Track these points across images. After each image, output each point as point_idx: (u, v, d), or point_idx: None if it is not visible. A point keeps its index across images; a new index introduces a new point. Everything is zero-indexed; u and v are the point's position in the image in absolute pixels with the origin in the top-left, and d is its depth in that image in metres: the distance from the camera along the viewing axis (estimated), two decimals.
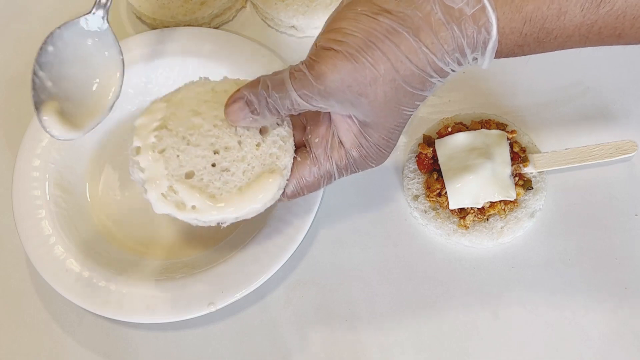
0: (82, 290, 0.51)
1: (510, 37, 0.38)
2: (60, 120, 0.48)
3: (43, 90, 0.48)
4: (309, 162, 0.44)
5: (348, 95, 0.39)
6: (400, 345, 0.51)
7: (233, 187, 0.42)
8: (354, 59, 0.37)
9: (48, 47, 0.48)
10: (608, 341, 0.49)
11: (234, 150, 0.43)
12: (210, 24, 0.65)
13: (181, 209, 0.42)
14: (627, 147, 0.54)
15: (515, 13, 0.37)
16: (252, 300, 0.52)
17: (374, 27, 0.37)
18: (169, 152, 0.42)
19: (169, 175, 0.42)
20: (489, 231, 0.53)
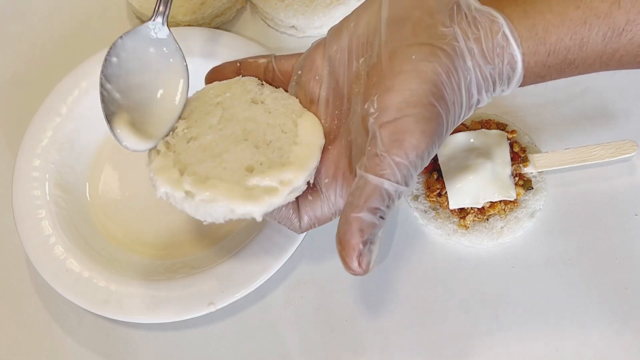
0: (82, 290, 0.51)
1: (534, 69, 0.38)
2: (132, 132, 0.46)
3: (112, 102, 0.47)
4: (320, 202, 0.42)
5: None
6: (400, 345, 0.51)
7: (287, 144, 0.42)
8: (435, 117, 0.37)
9: (112, 59, 0.47)
10: (608, 341, 0.49)
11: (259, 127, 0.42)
12: (210, 24, 0.65)
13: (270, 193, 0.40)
14: (627, 147, 0.54)
15: (539, 46, 0.37)
16: (252, 300, 0.52)
17: (436, 71, 0.36)
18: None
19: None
20: (489, 231, 0.53)
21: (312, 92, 0.43)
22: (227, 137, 0.42)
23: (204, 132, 0.43)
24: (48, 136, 0.57)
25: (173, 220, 0.56)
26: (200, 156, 0.41)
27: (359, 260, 0.37)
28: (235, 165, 0.41)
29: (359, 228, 0.36)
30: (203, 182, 0.40)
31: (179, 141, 0.43)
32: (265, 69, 0.46)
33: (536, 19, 0.37)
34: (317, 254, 0.54)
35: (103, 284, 0.51)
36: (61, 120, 0.58)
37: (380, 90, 0.37)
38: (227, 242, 0.54)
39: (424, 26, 0.38)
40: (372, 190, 0.36)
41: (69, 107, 0.58)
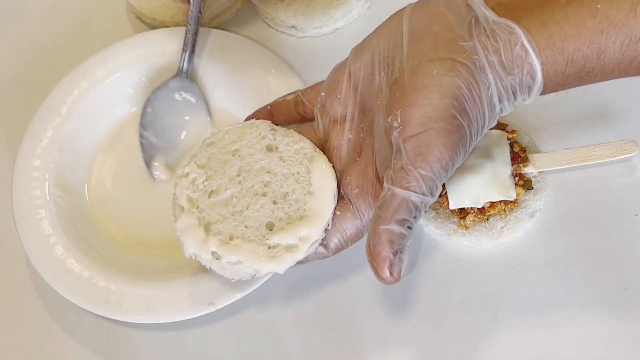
0: (82, 290, 0.51)
1: (553, 78, 0.39)
2: (166, 172, 0.57)
3: (150, 147, 0.57)
4: (350, 215, 0.43)
5: None
6: (400, 346, 0.51)
7: (301, 200, 0.44)
8: (457, 129, 0.38)
9: (147, 110, 0.57)
10: (608, 341, 0.49)
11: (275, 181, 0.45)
12: (210, 24, 0.65)
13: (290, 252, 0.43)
14: (627, 147, 0.54)
15: (558, 55, 0.37)
16: (252, 300, 0.52)
17: (457, 85, 0.37)
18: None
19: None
20: (489, 231, 0.53)
21: (336, 111, 0.45)
22: (247, 192, 0.44)
23: (224, 185, 0.45)
24: (48, 136, 0.57)
25: (173, 221, 0.56)
26: (223, 212, 0.44)
27: (390, 270, 0.38)
28: (256, 223, 0.43)
29: (388, 239, 0.38)
30: (228, 244, 0.43)
31: (200, 196, 0.44)
32: (295, 104, 0.48)
33: (553, 30, 0.37)
34: None
35: (103, 284, 0.51)
36: (61, 120, 0.58)
37: (403, 105, 0.38)
38: None
39: (444, 41, 0.39)
40: (399, 202, 0.38)
41: (69, 107, 0.58)
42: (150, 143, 0.57)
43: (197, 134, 0.58)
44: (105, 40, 0.62)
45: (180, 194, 0.45)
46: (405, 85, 0.39)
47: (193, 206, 0.44)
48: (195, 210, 0.44)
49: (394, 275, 0.39)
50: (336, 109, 0.45)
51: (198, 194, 0.45)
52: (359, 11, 0.65)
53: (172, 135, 0.58)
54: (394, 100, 0.39)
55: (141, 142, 0.56)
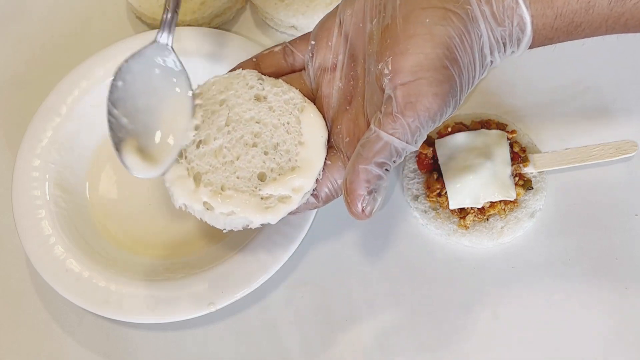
0: (82, 290, 0.51)
1: (542, 32, 0.39)
2: (141, 159, 0.46)
3: (120, 128, 0.46)
4: (341, 164, 0.43)
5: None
6: (400, 345, 0.51)
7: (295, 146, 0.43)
8: (448, 79, 0.38)
9: (118, 83, 0.46)
10: (608, 341, 0.49)
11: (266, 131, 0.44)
12: (210, 24, 0.65)
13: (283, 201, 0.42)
14: (627, 147, 0.54)
15: (547, 9, 0.38)
16: (252, 300, 0.52)
17: (450, 34, 0.38)
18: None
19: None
20: (489, 231, 0.53)
21: (326, 59, 0.45)
22: (237, 142, 0.43)
23: (213, 135, 0.44)
24: (48, 136, 0.57)
25: (173, 221, 0.56)
26: (213, 163, 0.43)
27: (362, 207, 0.39)
28: (247, 174, 0.43)
29: (365, 179, 0.39)
30: (220, 194, 0.42)
31: (188, 146, 0.44)
32: (284, 54, 0.47)
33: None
34: (317, 254, 0.54)
35: (103, 284, 0.51)
36: (61, 120, 0.58)
37: (394, 53, 0.38)
38: (226, 242, 0.54)
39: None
40: (382, 146, 0.38)
41: (69, 107, 0.58)
42: (120, 124, 0.46)
43: (177, 116, 0.47)
44: (105, 40, 0.62)
45: None
46: (397, 32, 0.39)
47: (181, 157, 0.43)
48: (184, 161, 0.43)
49: (365, 213, 0.39)
50: (326, 57, 0.45)
51: (187, 144, 0.44)
52: None
53: (148, 118, 0.47)
54: (385, 47, 0.39)
55: (109, 120, 0.46)
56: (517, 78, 0.59)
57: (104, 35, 0.66)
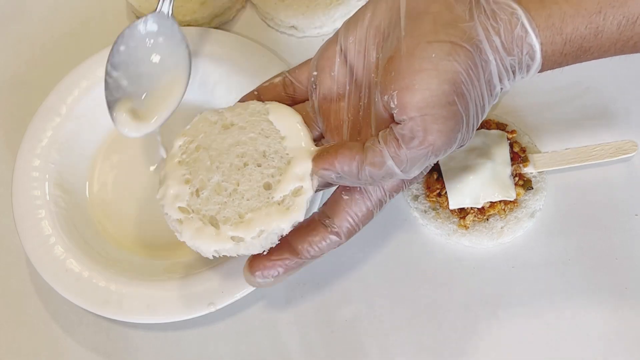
0: (82, 290, 0.51)
1: (551, 58, 0.39)
2: (131, 118, 0.50)
3: (117, 89, 0.50)
4: (358, 196, 0.42)
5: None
6: (400, 346, 0.51)
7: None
8: (453, 115, 0.38)
9: (120, 47, 0.50)
10: (608, 341, 0.49)
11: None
12: (210, 24, 0.65)
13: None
14: (627, 147, 0.54)
15: (556, 35, 0.38)
16: (252, 300, 0.52)
17: (456, 70, 0.37)
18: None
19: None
20: (489, 231, 0.53)
21: (331, 90, 0.44)
22: (230, 171, 0.43)
23: (206, 178, 0.43)
24: (48, 136, 0.57)
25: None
26: (219, 201, 0.43)
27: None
28: (255, 192, 0.42)
29: (339, 168, 0.40)
30: (242, 222, 0.42)
31: (190, 200, 0.43)
32: (283, 86, 0.46)
33: (552, 10, 0.37)
34: None
35: (103, 284, 0.51)
36: (61, 120, 0.58)
37: (399, 87, 0.38)
38: None
39: (443, 22, 0.38)
40: (380, 161, 0.38)
41: (69, 107, 0.58)
42: (118, 85, 0.50)
43: (173, 86, 0.52)
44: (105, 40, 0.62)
45: (171, 211, 0.43)
46: (402, 65, 0.38)
47: (189, 213, 0.43)
48: (193, 215, 0.43)
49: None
50: (331, 88, 0.44)
51: (187, 200, 0.43)
52: None
53: (147, 82, 0.51)
54: (389, 80, 0.39)
55: (106, 80, 0.50)
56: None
57: (104, 35, 0.66)
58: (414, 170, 0.39)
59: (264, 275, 0.42)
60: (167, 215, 0.43)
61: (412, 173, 0.39)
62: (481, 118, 0.40)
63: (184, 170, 0.44)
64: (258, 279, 0.42)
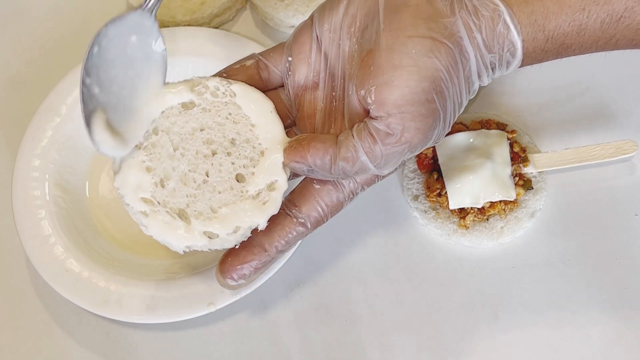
0: (82, 290, 0.51)
1: (532, 54, 0.39)
2: (109, 135, 0.42)
3: (91, 99, 0.42)
4: (330, 187, 0.41)
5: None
6: (400, 345, 0.51)
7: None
8: (432, 113, 0.37)
9: (93, 49, 0.42)
10: (608, 341, 0.49)
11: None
12: (210, 23, 0.65)
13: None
14: (627, 147, 0.54)
15: (538, 32, 0.38)
16: (252, 300, 0.52)
17: (437, 67, 0.37)
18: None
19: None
20: (489, 231, 0.53)
21: (307, 77, 0.43)
22: (196, 160, 0.41)
23: (170, 166, 0.41)
24: (48, 136, 0.57)
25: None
26: (188, 192, 0.40)
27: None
28: (226, 185, 0.40)
29: (311, 162, 0.39)
30: (215, 217, 0.40)
31: (155, 191, 0.40)
32: (257, 68, 0.44)
33: (535, 6, 0.37)
34: (317, 255, 0.54)
35: (103, 284, 0.51)
36: (61, 120, 0.57)
37: (378, 82, 0.37)
38: None
39: (424, 16, 0.37)
40: (353, 156, 0.38)
41: (69, 107, 0.58)
42: (91, 94, 0.42)
43: (151, 93, 0.44)
44: None
45: (132, 202, 0.40)
46: (381, 60, 0.37)
47: (154, 205, 0.40)
48: (160, 207, 0.40)
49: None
50: (304, 75, 0.43)
51: (151, 191, 0.40)
52: None
53: (121, 90, 0.43)
54: (367, 74, 0.38)
55: (81, 90, 0.42)
56: (517, 78, 0.59)
57: None
58: (388, 166, 0.39)
59: (239, 278, 0.42)
60: (129, 206, 0.40)
61: (386, 169, 0.39)
62: (458, 114, 0.40)
63: (143, 156, 0.41)
64: (231, 282, 0.42)
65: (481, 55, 0.38)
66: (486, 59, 0.38)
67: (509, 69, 0.39)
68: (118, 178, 0.41)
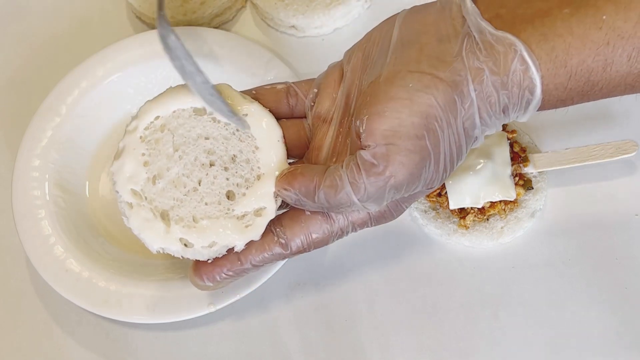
0: (82, 290, 0.51)
1: (554, 93, 0.37)
2: None
3: None
4: (321, 218, 0.40)
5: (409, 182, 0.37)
6: (400, 346, 0.51)
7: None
8: (420, 150, 0.36)
9: None
10: (608, 341, 0.49)
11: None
12: (210, 23, 0.65)
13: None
14: (627, 147, 0.54)
15: (560, 68, 0.36)
16: (252, 300, 0.52)
17: (431, 104, 0.36)
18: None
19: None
20: (489, 231, 0.53)
21: (327, 111, 0.43)
22: (192, 166, 0.41)
23: (165, 166, 0.41)
24: (48, 136, 0.57)
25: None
26: (176, 196, 0.40)
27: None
28: (215, 198, 0.40)
29: (297, 188, 0.39)
30: (194, 227, 0.40)
31: (144, 185, 0.40)
32: (287, 94, 0.44)
33: (556, 42, 0.35)
34: (317, 254, 0.54)
35: (103, 284, 0.51)
36: (61, 120, 0.58)
37: (371, 112, 0.37)
38: None
39: (429, 53, 0.37)
40: (338, 186, 0.37)
41: (69, 107, 0.58)
42: None
43: None
44: (105, 40, 0.62)
45: (123, 190, 0.40)
46: (379, 91, 0.37)
47: (141, 199, 0.40)
48: (145, 202, 0.40)
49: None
50: (326, 108, 0.43)
51: (142, 185, 0.40)
52: (359, 11, 0.65)
53: None
54: (364, 104, 0.38)
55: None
56: None
57: (104, 35, 0.66)
58: (371, 202, 0.37)
59: (209, 280, 0.41)
60: (118, 194, 0.41)
61: (371, 205, 0.38)
62: (457, 161, 0.38)
63: (144, 149, 0.41)
64: (201, 283, 0.41)
65: (487, 95, 0.36)
66: (494, 99, 0.36)
67: (527, 109, 0.37)
68: (116, 163, 0.41)
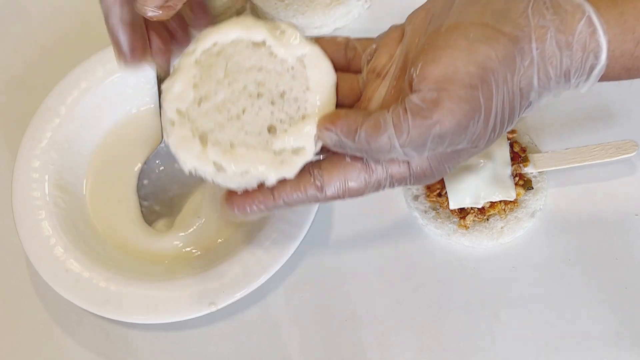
0: (82, 290, 0.51)
1: (620, 60, 0.35)
2: (167, 227, 0.56)
3: (151, 213, 0.56)
4: (360, 167, 0.39)
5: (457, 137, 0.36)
6: (400, 345, 0.51)
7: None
8: (471, 100, 0.35)
9: (144, 182, 0.57)
10: (608, 341, 0.49)
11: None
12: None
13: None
14: (627, 147, 0.54)
15: (628, 34, 0.35)
16: (252, 300, 0.52)
17: (490, 55, 0.35)
18: None
19: None
20: (489, 231, 0.53)
21: (383, 67, 0.41)
22: (240, 94, 0.41)
23: (213, 90, 0.41)
24: (47, 137, 0.57)
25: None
26: (218, 120, 0.40)
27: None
28: (256, 128, 0.40)
29: (339, 127, 0.37)
30: (230, 153, 0.39)
31: (190, 105, 0.40)
32: (346, 46, 0.43)
33: (625, 7, 0.34)
34: (317, 254, 0.54)
35: (103, 284, 0.51)
36: (60, 121, 0.57)
37: (427, 59, 0.36)
38: (227, 242, 0.54)
39: (494, 8, 0.36)
40: (378, 127, 0.36)
41: (69, 107, 0.58)
42: (152, 210, 0.56)
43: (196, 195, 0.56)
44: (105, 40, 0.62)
45: (168, 108, 0.40)
46: (438, 40, 0.36)
47: (184, 118, 0.40)
48: (187, 121, 0.40)
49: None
50: (382, 64, 0.41)
51: (187, 104, 0.40)
52: (359, 11, 0.65)
53: (177, 201, 0.56)
54: (421, 52, 0.37)
55: (141, 210, 0.56)
56: None
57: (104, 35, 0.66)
58: (412, 149, 0.36)
59: (239, 210, 0.41)
60: (163, 109, 0.41)
61: (411, 153, 0.36)
62: (507, 123, 0.37)
63: (196, 71, 0.41)
64: (231, 212, 0.41)
65: (549, 56, 0.35)
66: (556, 61, 0.35)
67: (591, 75, 0.36)
68: (167, 81, 0.41)
